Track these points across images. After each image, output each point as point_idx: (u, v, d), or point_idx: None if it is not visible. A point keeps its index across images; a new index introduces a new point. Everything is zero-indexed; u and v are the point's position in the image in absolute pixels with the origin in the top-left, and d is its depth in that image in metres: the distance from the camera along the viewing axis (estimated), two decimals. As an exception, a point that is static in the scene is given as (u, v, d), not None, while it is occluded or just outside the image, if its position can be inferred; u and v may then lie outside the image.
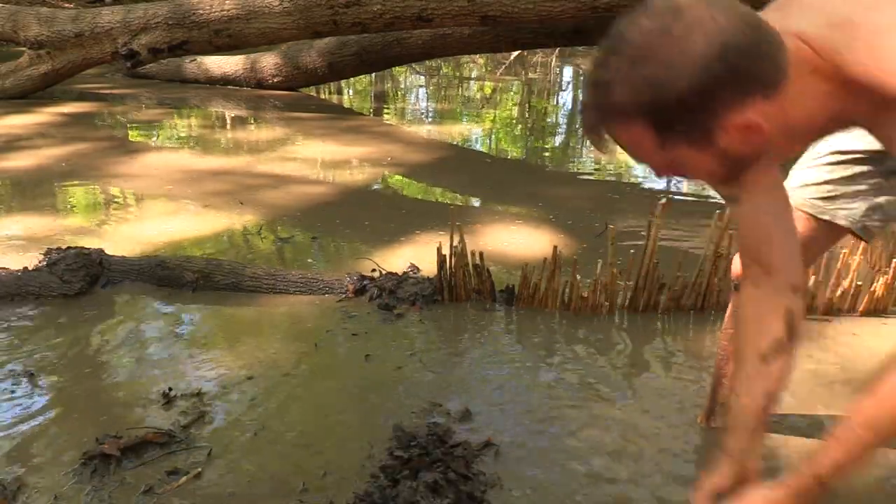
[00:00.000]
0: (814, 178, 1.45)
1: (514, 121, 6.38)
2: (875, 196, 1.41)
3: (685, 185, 4.18)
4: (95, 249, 2.51)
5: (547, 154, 5.09)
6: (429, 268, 2.51)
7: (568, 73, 9.21)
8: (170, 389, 1.84)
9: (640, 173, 4.33)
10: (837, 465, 0.97)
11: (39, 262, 2.46)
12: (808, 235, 1.43)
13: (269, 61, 6.65)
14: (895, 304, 2.37)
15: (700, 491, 1.18)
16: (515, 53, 9.08)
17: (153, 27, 5.30)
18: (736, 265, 1.54)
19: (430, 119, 6.37)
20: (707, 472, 1.19)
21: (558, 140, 5.67)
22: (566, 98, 7.87)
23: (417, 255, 2.74)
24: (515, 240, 3.04)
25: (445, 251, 2.33)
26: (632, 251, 2.40)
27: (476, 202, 3.82)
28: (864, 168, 1.40)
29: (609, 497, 1.50)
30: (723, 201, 1.33)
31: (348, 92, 7.66)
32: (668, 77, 0.84)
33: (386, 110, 6.97)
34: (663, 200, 2.17)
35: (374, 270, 2.59)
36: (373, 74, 7.83)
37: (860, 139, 1.39)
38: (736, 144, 0.91)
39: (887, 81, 0.88)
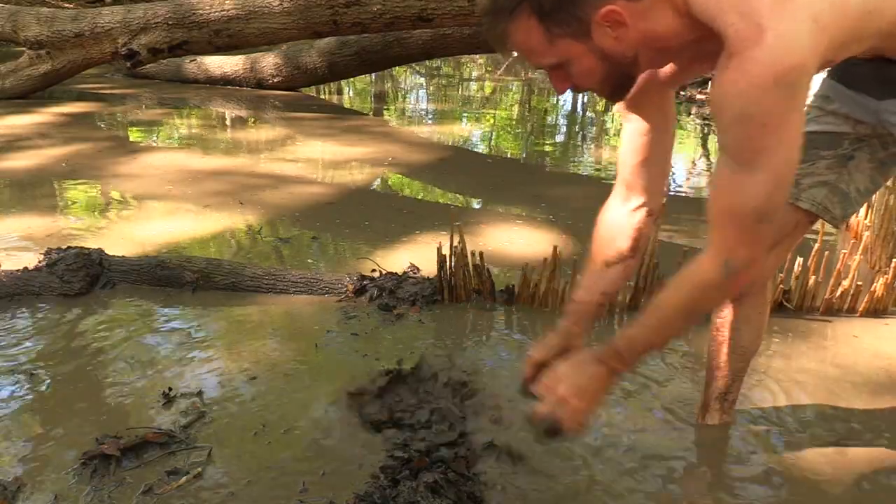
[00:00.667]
0: None
1: (515, 121, 6.38)
2: (835, 181, 1.42)
3: (684, 183, 4.18)
4: (95, 249, 2.51)
5: (547, 154, 5.09)
6: (429, 268, 2.51)
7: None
8: (170, 389, 1.83)
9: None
10: (629, 338, 1.23)
11: (39, 262, 2.46)
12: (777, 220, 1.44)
13: (269, 61, 6.65)
14: (895, 304, 2.37)
15: (529, 358, 1.40)
16: (515, 53, 9.06)
17: (153, 27, 5.30)
18: None
19: (430, 119, 6.37)
20: (541, 343, 1.40)
21: (558, 140, 5.67)
22: (566, 98, 7.87)
23: (417, 255, 2.74)
24: (515, 240, 3.04)
25: (445, 251, 2.33)
26: (632, 251, 2.40)
27: (476, 202, 3.82)
28: (823, 152, 1.41)
29: (610, 496, 1.50)
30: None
31: (348, 92, 7.67)
32: None
33: (386, 110, 6.97)
34: (663, 200, 2.16)
35: (374, 270, 2.59)
36: (373, 74, 7.84)
37: (816, 122, 1.40)
38: (608, 40, 1.06)
39: (716, 17, 1.00)
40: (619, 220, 1.39)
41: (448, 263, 2.35)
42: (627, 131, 1.34)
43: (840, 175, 1.41)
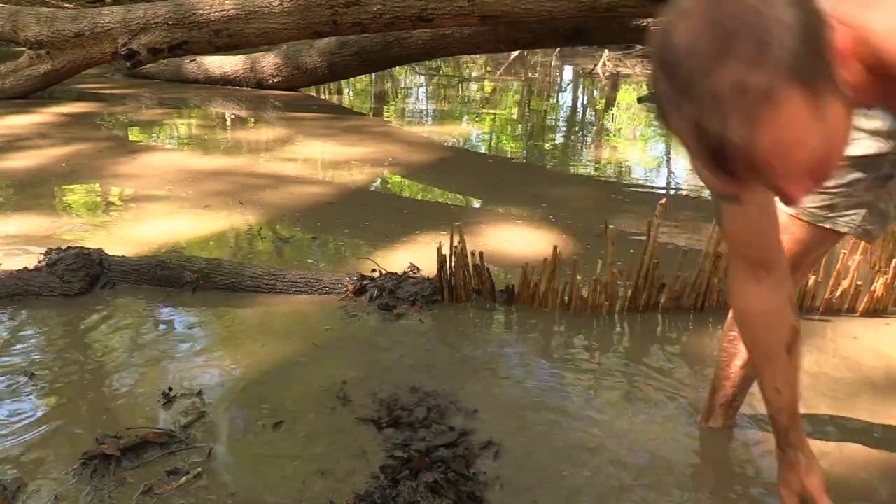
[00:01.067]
0: None
1: (515, 121, 6.38)
2: (874, 201, 1.39)
3: (684, 183, 4.18)
4: (95, 249, 2.51)
5: (547, 154, 5.09)
6: (429, 268, 2.51)
7: (568, 73, 9.22)
8: (170, 389, 1.83)
9: (640, 173, 4.33)
10: None
11: (39, 262, 2.46)
12: (809, 242, 1.41)
13: (269, 61, 6.65)
14: (895, 304, 2.37)
15: (789, 493, 1.33)
16: (515, 53, 9.08)
17: (153, 27, 5.30)
18: None
19: (430, 119, 6.37)
20: (791, 472, 1.32)
21: (558, 140, 5.67)
22: (566, 98, 7.87)
23: (417, 255, 2.74)
24: (515, 240, 3.04)
25: (445, 251, 2.33)
26: (632, 251, 2.40)
27: (476, 202, 3.82)
28: (859, 175, 1.37)
29: (610, 497, 1.50)
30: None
31: (348, 92, 7.66)
32: (774, 22, 0.71)
33: (386, 110, 6.97)
34: (663, 200, 2.17)
35: (374, 270, 2.59)
36: (373, 74, 7.83)
37: (856, 146, 1.35)
38: (846, 85, 0.80)
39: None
40: (773, 301, 1.29)
41: (448, 263, 2.35)
42: (741, 212, 1.21)
43: (879, 194, 1.38)
